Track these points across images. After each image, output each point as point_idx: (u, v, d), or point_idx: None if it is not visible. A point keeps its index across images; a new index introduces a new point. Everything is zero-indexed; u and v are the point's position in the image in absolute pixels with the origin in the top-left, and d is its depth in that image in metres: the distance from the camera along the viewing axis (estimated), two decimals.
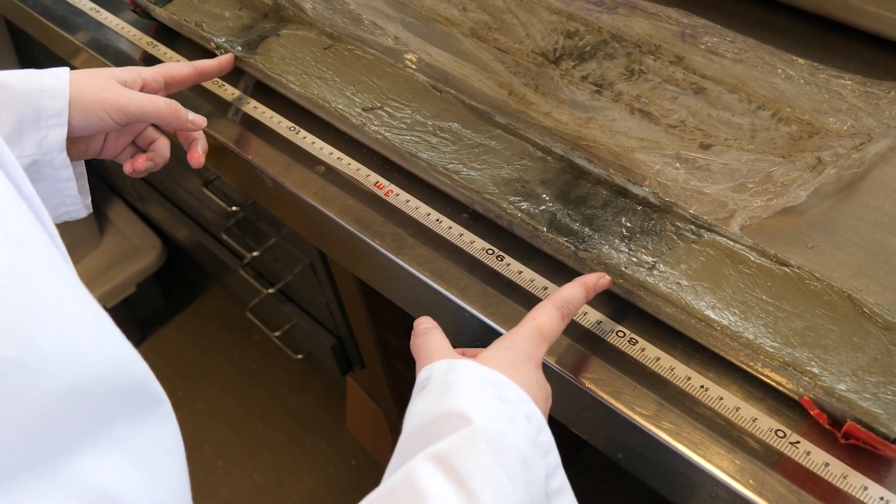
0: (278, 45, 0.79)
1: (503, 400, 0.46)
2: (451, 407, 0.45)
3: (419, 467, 0.41)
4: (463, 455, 0.42)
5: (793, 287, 0.55)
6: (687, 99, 0.74)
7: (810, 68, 0.74)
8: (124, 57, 0.91)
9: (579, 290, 0.56)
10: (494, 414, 0.45)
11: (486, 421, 0.44)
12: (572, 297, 0.55)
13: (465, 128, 0.69)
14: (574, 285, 0.56)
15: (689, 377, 0.56)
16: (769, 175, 0.65)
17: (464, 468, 0.41)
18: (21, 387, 0.30)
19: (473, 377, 0.47)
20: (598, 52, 0.80)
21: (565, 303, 0.54)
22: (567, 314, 0.54)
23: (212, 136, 0.81)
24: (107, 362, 0.35)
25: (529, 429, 0.46)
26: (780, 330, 0.53)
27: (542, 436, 0.46)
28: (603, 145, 0.71)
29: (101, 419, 0.34)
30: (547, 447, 0.46)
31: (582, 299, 0.56)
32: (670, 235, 0.59)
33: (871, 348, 0.51)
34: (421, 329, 0.54)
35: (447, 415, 0.44)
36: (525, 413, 0.46)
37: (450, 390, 0.46)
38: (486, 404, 0.45)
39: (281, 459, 1.71)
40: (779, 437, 0.53)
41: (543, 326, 0.52)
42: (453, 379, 0.47)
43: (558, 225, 0.61)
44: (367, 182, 0.72)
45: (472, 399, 0.45)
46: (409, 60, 0.82)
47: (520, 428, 0.45)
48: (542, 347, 0.52)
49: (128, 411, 0.36)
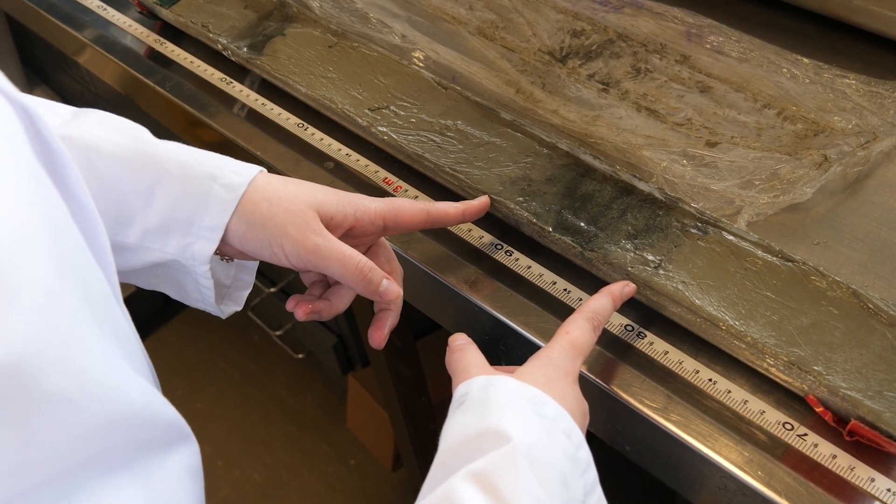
0: (284, 44, 0.80)
1: (541, 416, 0.45)
2: (490, 424, 0.44)
3: (458, 487, 0.41)
4: (503, 474, 0.41)
5: (798, 283, 0.56)
6: (693, 97, 0.74)
7: (815, 68, 0.74)
8: (130, 54, 0.91)
9: (607, 300, 0.56)
10: (533, 431, 0.44)
11: (525, 438, 0.43)
12: (601, 307, 0.55)
13: (471, 126, 0.70)
14: (601, 296, 0.56)
15: (697, 371, 0.57)
16: (775, 172, 0.66)
17: (504, 487, 0.41)
18: (64, 420, 0.31)
19: (511, 393, 0.47)
20: (604, 51, 0.80)
21: (595, 314, 0.54)
22: (598, 325, 0.54)
23: (218, 131, 0.81)
24: (141, 398, 0.36)
25: (568, 445, 0.45)
26: (784, 328, 0.54)
27: (581, 452, 0.46)
28: (610, 142, 0.71)
29: (122, 450, 0.36)
30: (585, 464, 0.46)
31: (610, 309, 0.56)
32: (676, 232, 0.60)
33: (876, 345, 0.52)
34: (456, 345, 0.53)
35: (486, 432, 0.44)
36: (563, 429, 0.46)
37: (488, 407, 0.46)
38: (524, 421, 0.45)
39: (280, 459, 1.71)
40: (786, 429, 0.53)
41: (577, 340, 0.52)
42: (491, 395, 0.47)
43: (564, 224, 0.62)
44: (376, 178, 0.72)
45: (510, 416, 0.45)
46: (417, 58, 0.83)
47: (558, 445, 0.45)
48: (578, 361, 0.52)
49: (151, 446, 0.38)
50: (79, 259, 0.36)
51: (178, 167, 0.55)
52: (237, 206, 0.54)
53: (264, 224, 0.54)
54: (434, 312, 0.71)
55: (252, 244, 0.55)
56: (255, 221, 0.54)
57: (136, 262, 0.59)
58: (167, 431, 0.40)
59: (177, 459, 0.40)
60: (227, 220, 0.54)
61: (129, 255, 0.58)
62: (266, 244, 0.55)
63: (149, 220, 0.56)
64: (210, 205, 0.55)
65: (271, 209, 0.54)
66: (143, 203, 0.55)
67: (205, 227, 0.55)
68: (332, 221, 0.56)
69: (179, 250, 0.56)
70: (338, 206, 0.56)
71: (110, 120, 0.59)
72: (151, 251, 0.57)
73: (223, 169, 0.56)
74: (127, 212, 0.56)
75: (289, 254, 0.54)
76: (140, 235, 0.56)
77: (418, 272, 0.67)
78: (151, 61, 0.90)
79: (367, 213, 0.57)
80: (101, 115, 0.60)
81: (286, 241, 0.54)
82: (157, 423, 0.38)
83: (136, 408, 0.36)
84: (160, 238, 0.56)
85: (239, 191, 0.55)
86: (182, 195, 0.55)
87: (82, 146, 0.56)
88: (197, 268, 0.57)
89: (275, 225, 0.54)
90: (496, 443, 0.43)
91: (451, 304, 0.66)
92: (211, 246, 0.56)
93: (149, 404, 0.38)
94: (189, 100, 0.84)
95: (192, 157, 0.56)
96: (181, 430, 0.41)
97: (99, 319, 0.35)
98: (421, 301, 0.71)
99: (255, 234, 0.54)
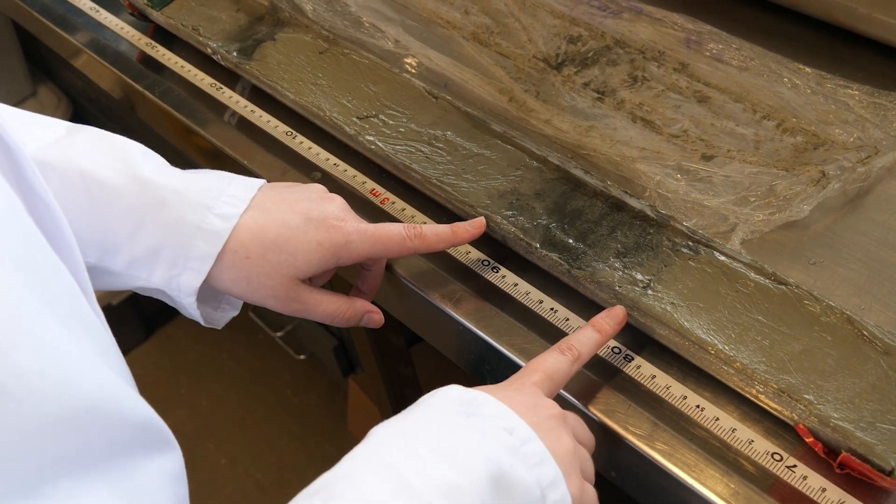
0: (274, 49, 0.78)
1: (472, 415, 0.46)
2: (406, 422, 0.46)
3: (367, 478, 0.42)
4: (409, 464, 0.42)
5: (790, 307, 0.54)
6: (690, 107, 0.72)
7: (817, 77, 0.72)
8: (123, 59, 0.90)
9: (588, 331, 0.55)
10: (453, 429, 0.45)
11: (435, 436, 0.44)
12: (578, 337, 0.54)
13: (460, 137, 0.68)
14: (584, 328, 0.56)
15: (684, 396, 0.55)
16: (772, 188, 0.63)
17: (409, 475, 0.41)
18: (4, 411, 0.30)
19: (448, 397, 0.47)
20: (600, 58, 0.78)
21: (569, 345, 0.53)
22: (572, 354, 0.53)
23: (207, 139, 0.80)
24: (99, 393, 0.35)
25: (510, 440, 0.45)
26: (775, 353, 0.52)
27: (528, 447, 0.45)
28: (603, 154, 0.69)
29: (86, 449, 0.34)
30: (538, 458, 0.45)
31: (593, 338, 0.54)
32: (666, 251, 0.58)
33: (870, 374, 0.50)
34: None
35: (398, 433, 0.45)
36: (504, 426, 0.45)
37: (412, 410, 0.47)
38: (442, 420, 0.46)
39: (284, 458, 1.71)
40: (775, 460, 0.51)
41: (537, 360, 0.52)
42: (425, 400, 0.47)
43: (552, 240, 0.60)
44: (363, 189, 0.71)
45: (427, 415, 0.46)
46: (409, 65, 0.81)
47: (494, 438, 0.44)
48: (534, 376, 0.51)
49: (125, 447, 0.37)
50: (30, 250, 0.35)
51: (172, 193, 0.55)
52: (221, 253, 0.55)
53: (256, 279, 0.55)
54: (419, 328, 0.70)
55: (241, 288, 0.56)
56: (249, 277, 0.56)
57: (123, 286, 0.59)
58: (144, 433, 0.39)
59: (157, 464, 0.39)
60: (216, 255, 0.54)
61: (116, 279, 0.58)
62: (257, 295, 0.56)
63: (135, 250, 0.55)
64: (197, 239, 0.54)
65: (267, 257, 0.55)
66: (131, 232, 0.55)
67: (195, 259, 0.55)
68: (314, 278, 0.59)
69: (165, 281, 0.56)
70: (319, 265, 0.56)
71: (104, 140, 0.58)
72: (137, 279, 0.57)
73: (218, 194, 0.56)
74: (113, 240, 0.55)
75: (275, 302, 0.57)
76: (126, 264, 0.56)
77: (403, 288, 0.65)
78: (143, 66, 0.89)
79: (352, 257, 0.57)
80: (95, 133, 0.59)
81: (268, 303, 0.57)
82: (128, 421, 0.37)
83: (94, 402, 0.35)
84: (146, 267, 0.56)
85: (235, 216, 0.55)
86: (173, 223, 0.54)
87: (76, 168, 0.55)
88: (183, 299, 0.57)
89: (264, 281, 0.55)
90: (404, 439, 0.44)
91: (435, 321, 0.65)
92: (198, 278, 0.55)
93: (114, 401, 0.36)
94: (179, 106, 0.83)
95: (184, 184, 0.56)
96: (162, 434, 0.40)
97: (58, 313, 0.34)
98: (407, 317, 0.69)
99: (250, 289, 0.56)
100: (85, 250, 0.55)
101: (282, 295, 0.56)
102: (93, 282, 0.59)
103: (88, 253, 0.56)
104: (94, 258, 0.56)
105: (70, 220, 0.54)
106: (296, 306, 0.57)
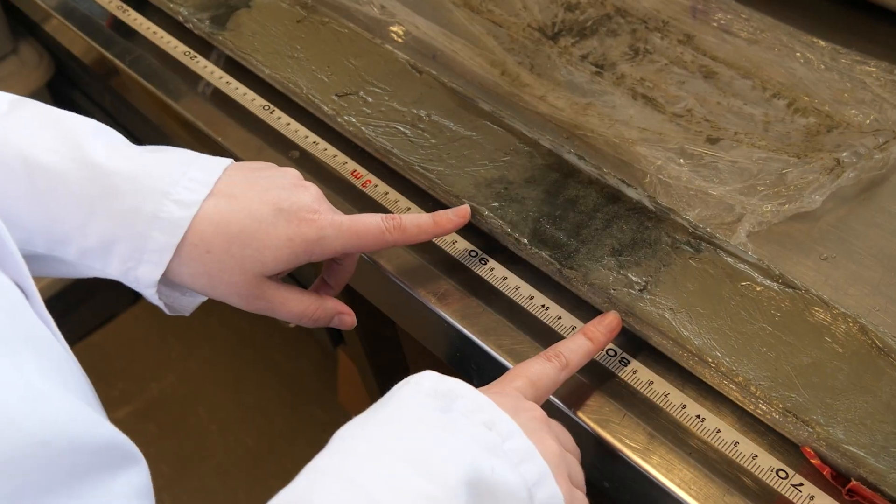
0: (249, 17, 0.73)
1: (448, 411, 0.42)
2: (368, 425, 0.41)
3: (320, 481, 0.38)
4: (365, 468, 0.38)
5: (798, 314, 0.50)
6: (695, 84, 0.67)
7: (832, 52, 0.67)
8: (92, 23, 0.84)
9: (578, 338, 0.52)
10: (425, 428, 0.41)
11: (399, 438, 0.40)
12: (567, 345, 0.51)
13: (446, 117, 0.63)
14: (574, 335, 0.52)
15: (684, 405, 0.51)
16: (782, 177, 0.59)
17: (364, 482, 0.38)
18: None
19: (421, 390, 0.43)
20: (600, 28, 0.73)
21: (556, 352, 0.50)
22: (560, 361, 0.49)
23: (180, 113, 0.75)
24: (52, 427, 0.33)
25: (489, 436, 0.41)
26: (781, 367, 0.47)
27: (511, 443, 0.42)
28: (601, 135, 0.65)
29: (45, 480, 0.32)
30: (521, 455, 0.42)
31: (584, 346, 0.51)
32: (665, 249, 0.54)
33: (885, 391, 0.46)
34: None
35: (361, 436, 0.40)
36: (483, 421, 0.42)
37: (384, 406, 0.42)
38: (411, 419, 0.41)
39: (274, 424, 1.69)
40: (780, 477, 0.48)
41: (521, 365, 0.49)
42: (395, 393, 0.43)
43: (542, 236, 0.55)
44: (344, 170, 0.66)
45: (397, 413, 0.42)
46: (395, 33, 0.76)
47: (471, 436, 0.41)
48: (518, 381, 0.47)
49: (85, 472, 0.34)
50: None
51: (125, 180, 0.49)
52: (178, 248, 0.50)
53: (210, 276, 0.50)
54: (403, 322, 0.66)
55: (202, 283, 0.51)
56: (210, 274, 0.51)
57: (77, 275, 0.54)
58: (107, 454, 0.36)
59: (124, 480, 0.37)
60: (174, 249, 0.49)
61: (69, 268, 0.53)
62: (219, 291, 0.52)
63: (87, 242, 0.50)
64: (154, 230, 0.49)
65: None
66: (81, 223, 0.49)
67: (154, 251, 0.50)
68: (283, 272, 0.53)
69: (122, 273, 0.51)
70: (289, 261, 0.51)
71: (50, 118, 0.51)
72: (92, 269, 0.52)
73: (176, 180, 0.50)
74: (62, 231, 0.50)
75: (239, 300, 0.52)
76: (78, 255, 0.51)
77: (384, 279, 0.61)
78: (113, 31, 0.83)
79: (325, 253, 0.52)
80: (41, 111, 0.52)
81: (230, 300, 0.52)
82: (88, 447, 0.35)
83: (47, 438, 0.32)
84: (100, 259, 0.51)
85: (192, 211, 0.49)
86: (127, 213, 0.49)
87: (17, 152, 0.49)
88: (143, 290, 0.52)
89: (218, 283, 0.51)
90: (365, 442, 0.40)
91: (419, 315, 0.60)
92: (157, 270, 0.50)
93: (70, 431, 0.34)
94: (150, 76, 0.78)
95: (140, 168, 0.50)
96: (126, 451, 0.38)
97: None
98: (390, 309, 0.65)
99: (212, 285, 0.51)
100: (32, 240, 0.50)
101: (245, 292, 0.51)
102: (44, 270, 0.54)
103: (36, 243, 0.51)
104: (43, 248, 0.51)
105: (12, 209, 0.49)
106: (260, 304, 0.52)
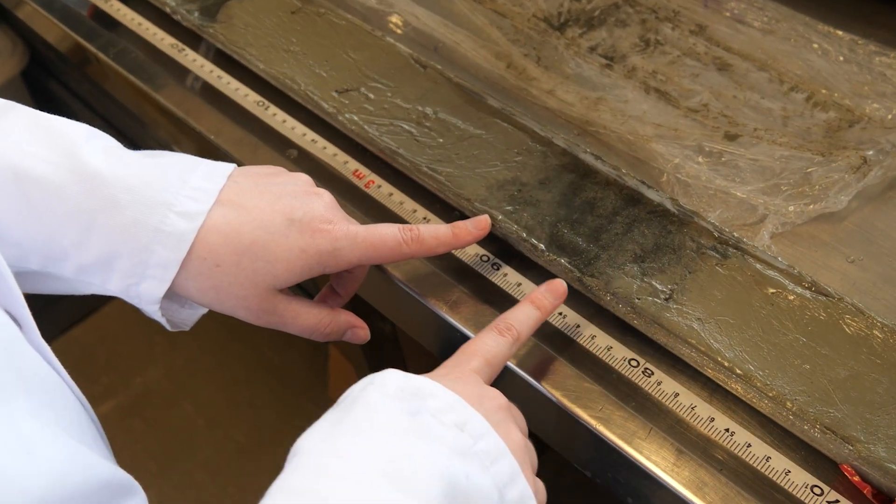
0: (240, 9, 0.69)
1: (417, 413, 0.40)
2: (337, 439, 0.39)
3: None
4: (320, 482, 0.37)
5: (833, 324, 0.47)
6: (710, 76, 0.65)
7: (850, 43, 0.65)
8: (72, 14, 0.80)
9: (526, 306, 0.51)
10: (400, 436, 0.39)
11: (371, 451, 0.38)
12: (515, 315, 0.50)
13: (453, 114, 0.60)
14: (521, 304, 0.51)
15: (712, 418, 0.49)
16: (806, 176, 0.57)
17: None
18: None
19: (387, 392, 0.41)
20: (608, 18, 0.70)
21: (505, 324, 0.49)
22: (511, 334, 0.49)
23: (169, 109, 0.71)
24: (42, 481, 0.32)
25: (461, 437, 0.40)
26: (817, 381, 0.45)
27: (483, 444, 0.40)
28: (614, 132, 0.62)
29: None
30: (494, 455, 0.40)
31: (531, 315, 0.50)
32: (690, 255, 0.51)
33: None
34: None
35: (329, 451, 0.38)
36: (455, 421, 0.40)
37: (350, 412, 0.40)
38: (382, 425, 0.39)
39: (264, 419, 1.66)
40: (815, 494, 0.46)
41: (471, 343, 0.48)
42: (361, 398, 0.41)
43: (560, 241, 0.53)
44: (346, 170, 0.63)
45: (365, 422, 0.39)
46: (394, 24, 0.73)
47: (441, 439, 0.39)
48: (473, 361, 0.47)
49: None
50: None
51: (125, 191, 0.46)
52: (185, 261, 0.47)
53: (218, 290, 0.48)
54: (412, 330, 0.63)
55: (209, 297, 0.48)
56: (219, 288, 0.48)
57: (75, 291, 0.51)
58: (107, 491, 0.35)
59: None
60: (180, 263, 0.46)
61: (65, 285, 0.50)
62: (227, 306, 0.49)
63: (85, 257, 0.47)
64: (155, 244, 0.46)
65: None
66: (79, 238, 0.46)
67: (155, 266, 0.47)
68: (294, 284, 0.50)
69: (123, 290, 0.48)
70: (302, 274, 0.48)
71: (41, 125, 0.48)
72: (91, 286, 0.49)
73: (178, 191, 0.47)
74: (58, 247, 0.47)
75: (248, 314, 0.49)
76: (75, 271, 0.48)
77: (392, 287, 0.59)
78: (95, 22, 0.80)
79: (339, 265, 0.49)
80: (29, 116, 0.49)
81: (238, 314, 0.49)
82: (83, 492, 0.33)
83: (42, 493, 0.31)
84: (99, 275, 0.48)
85: (198, 221, 0.47)
86: (128, 226, 0.46)
87: (7, 164, 0.46)
88: (144, 307, 0.49)
89: (227, 297, 0.48)
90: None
91: (429, 324, 0.58)
92: (161, 287, 0.47)
93: (67, 480, 0.33)
94: (135, 70, 0.74)
95: (139, 176, 0.47)
96: (124, 484, 0.37)
97: None
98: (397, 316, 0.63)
99: (219, 299, 0.48)
100: (25, 257, 0.47)
101: (255, 307, 0.49)
102: (38, 287, 0.51)
103: (30, 260, 0.48)
104: (38, 265, 0.48)
105: (2, 225, 0.46)
106: (271, 319, 0.50)
